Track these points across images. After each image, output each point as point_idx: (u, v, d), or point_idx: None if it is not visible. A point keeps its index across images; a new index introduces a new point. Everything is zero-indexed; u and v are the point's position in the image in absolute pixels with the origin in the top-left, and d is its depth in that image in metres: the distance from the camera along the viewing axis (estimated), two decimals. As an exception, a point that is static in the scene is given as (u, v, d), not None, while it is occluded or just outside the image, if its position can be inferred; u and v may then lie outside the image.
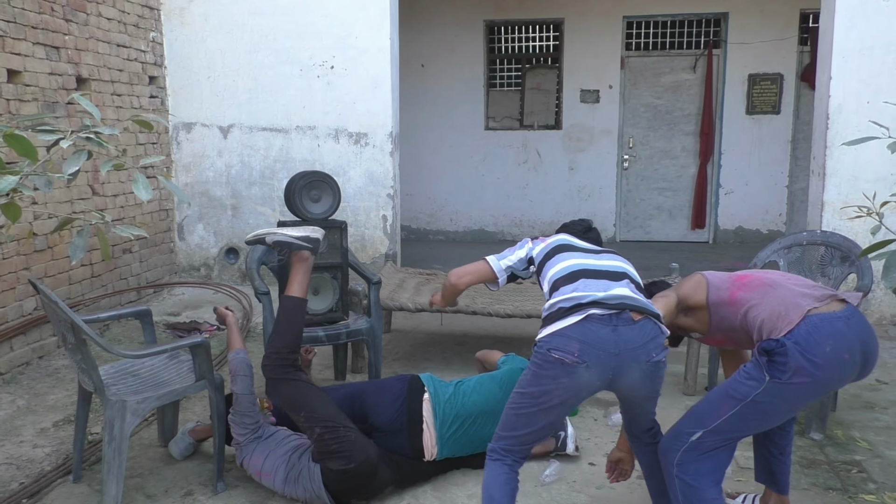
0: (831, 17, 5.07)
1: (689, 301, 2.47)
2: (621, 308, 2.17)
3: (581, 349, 2.13)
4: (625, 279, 2.35)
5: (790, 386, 2.15)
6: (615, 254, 2.54)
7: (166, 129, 6.11)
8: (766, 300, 2.29)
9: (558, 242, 2.53)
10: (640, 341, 2.17)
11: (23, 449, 3.33)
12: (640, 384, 2.23)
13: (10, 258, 4.21)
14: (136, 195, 2.01)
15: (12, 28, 4.22)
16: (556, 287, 2.32)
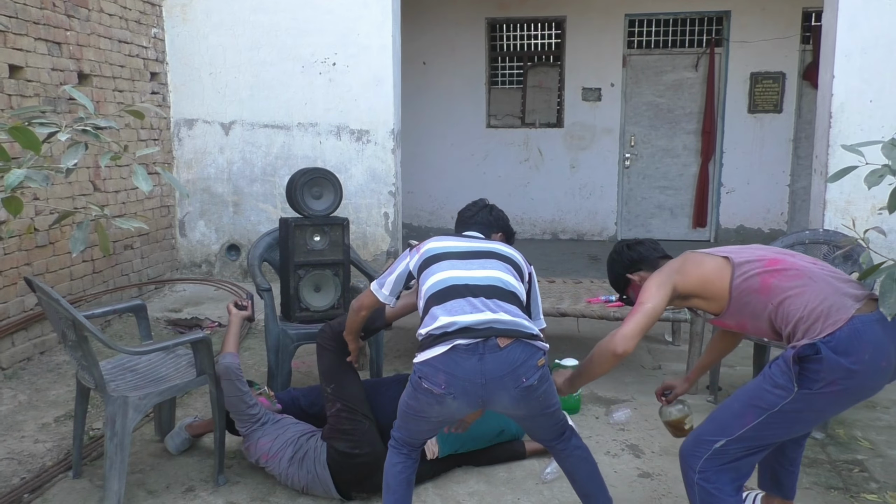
0: (834, 16, 5.07)
1: (708, 288, 2.30)
2: (487, 335, 2.16)
3: (447, 380, 2.15)
4: (498, 293, 2.30)
5: (821, 395, 2.07)
6: (493, 255, 2.46)
7: (168, 125, 6.11)
8: (806, 294, 2.13)
9: (430, 252, 2.46)
10: (508, 369, 2.15)
11: (24, 444, 3.33)
12: (513, 408, 2.25)
13: (11, 254, 4.21)
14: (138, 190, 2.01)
15: (14, 23, 4.21)
16: (427, 306, 2.31)
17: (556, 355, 4.08)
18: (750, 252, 2.32)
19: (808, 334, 2.08)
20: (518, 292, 2.38)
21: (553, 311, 4.02)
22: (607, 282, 4.73)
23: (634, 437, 3.43)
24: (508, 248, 2.57)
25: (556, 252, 8.23)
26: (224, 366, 2.96)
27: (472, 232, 2.72)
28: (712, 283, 2.29)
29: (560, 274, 6.37)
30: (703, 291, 2.31)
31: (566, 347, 4.60)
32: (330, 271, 3.75)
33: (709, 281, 2.29)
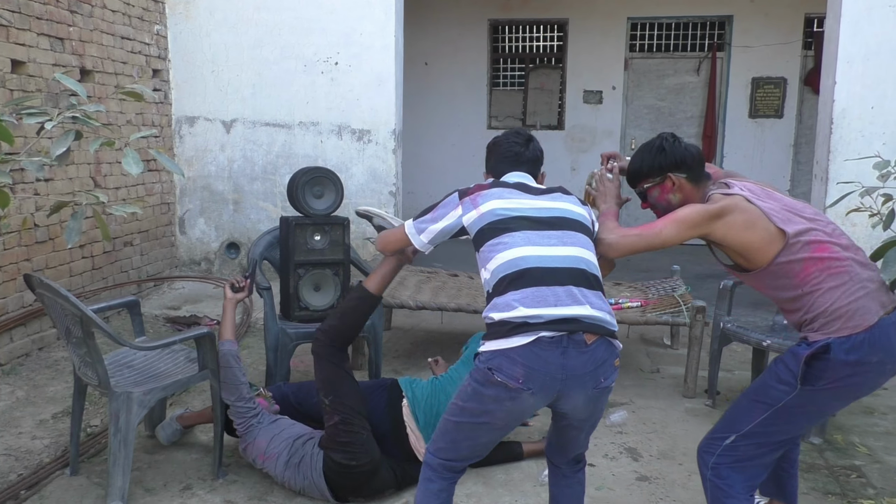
0: (837, 22, 5.07)
1: (747, 253, 2.16)
2: (574, 329, 1.98)
3: (526, 374, 1.96)
4: (583, 279, 2.08)
5: (823, 391, 2.09)
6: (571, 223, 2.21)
7: (169, 122, 6.10)
8: (839, 291, 2.08)
9: (497, 215, 2.16)
10: (590, 367, 2.01)
11: (22, 440, 3.32)
12: (582, 408, 2.09)
13: (11, 249, 4.21)
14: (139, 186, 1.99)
15: (17, 18, 4.21)
16: (500, 287, 2.06)
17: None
18: (803, 223, 2.15)
19: (824, 329, 2.07)
20: (599, 273, 2.16)
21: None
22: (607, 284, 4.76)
23: (633, 441, 3.43)
24: (578, 205, 2.32)
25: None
26: (223, 353, 2.97)
27: (524, 175, 2.41)
28: (755, 252, 2.15)
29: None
30: (740, 250, 2.18)
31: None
32: (330, 271, 3.74)
33: (752, 249, 2.14)
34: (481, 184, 2.31)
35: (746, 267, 2.20)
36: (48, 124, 1.99)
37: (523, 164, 2.44)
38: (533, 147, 2.48)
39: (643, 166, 2.35)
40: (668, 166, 2.29)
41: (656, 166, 2.31)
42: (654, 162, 2.31)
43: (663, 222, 2.20)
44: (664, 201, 2.34)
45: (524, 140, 2.49)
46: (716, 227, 2.15)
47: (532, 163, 2.47)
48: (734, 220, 2.14)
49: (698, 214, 2.17)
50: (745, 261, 2.19)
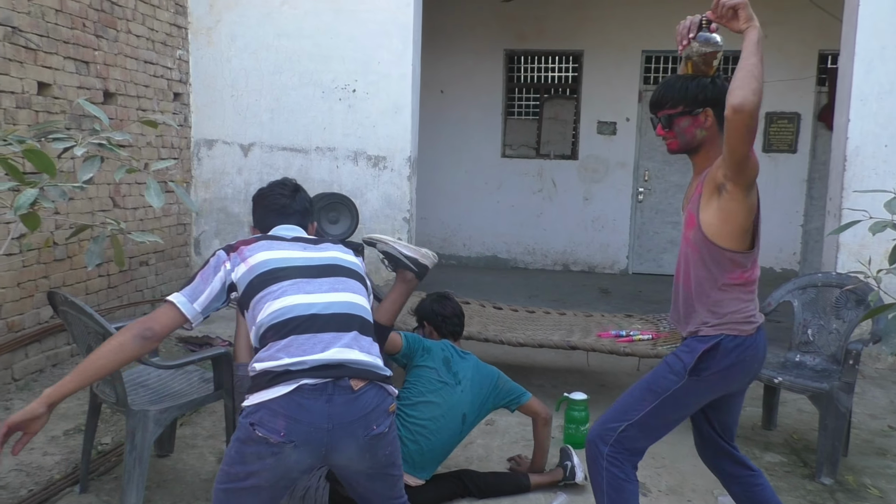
0: (850, 60, 5.11)
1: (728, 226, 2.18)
2: (339, 375, 1.89)
3: (288, 427, 1.85)
4: (352, 324, 2.01)
5: (703, 382, 2.24)
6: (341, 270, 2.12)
7: (188, 144, 6.20)
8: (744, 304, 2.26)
9: (265, 267, 2.04)
10: (359, 413, 1.90)
11: (33, 456, 3.35)
12: (357, 460, 1.96)
13: (30, 266, 4.27)
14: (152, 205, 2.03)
15: (45, 42, 4.31)
16: (265, 338, 1.97)
17: (564, 388, 4.08)
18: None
19: (718, 327, 2.23)
20: (370, 318, 2.11)
21: (563, 343, 4.03)
22: (618, 316, 4.78)
23: (641, 476, 3.38)
24: (349, 253, 2.24)
25: (567, 284, 8.23)
26: (240, 377, 2.94)
27: (294, 228, 2.31)
28: (731, 230, 2.19)
29: (571, 306, 6.38)
30: (727, 218, 2.17)
31: (575, 381, 4.59)
32: (343, 296, 3.77)
33: (734, 223, 2.18)
34: (246, 238, 2.17)
35: (708, 232, 2.20)
36: (76, 150, 2.05)
37: (291, 217, 2.33)
38: (300, 198, 2.38)
39: (687, 93, 2.23)
40: (711, 100, 2.21)
41: (700, 97, 2.21)
42: (700, 92, 2.21)
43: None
44: (690, 135, 2.25)
45: (290, 191, 2.37)
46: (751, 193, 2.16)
47: (301, 214, 2.36)
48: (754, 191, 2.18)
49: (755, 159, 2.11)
50: (714, 228, 2.19)
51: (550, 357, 5.05)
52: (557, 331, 4.31)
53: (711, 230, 2.19)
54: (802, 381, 3.45)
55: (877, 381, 4.93)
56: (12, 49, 4.05)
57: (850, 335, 3.64)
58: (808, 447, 3.76)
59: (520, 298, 6.97)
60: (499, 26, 9.01)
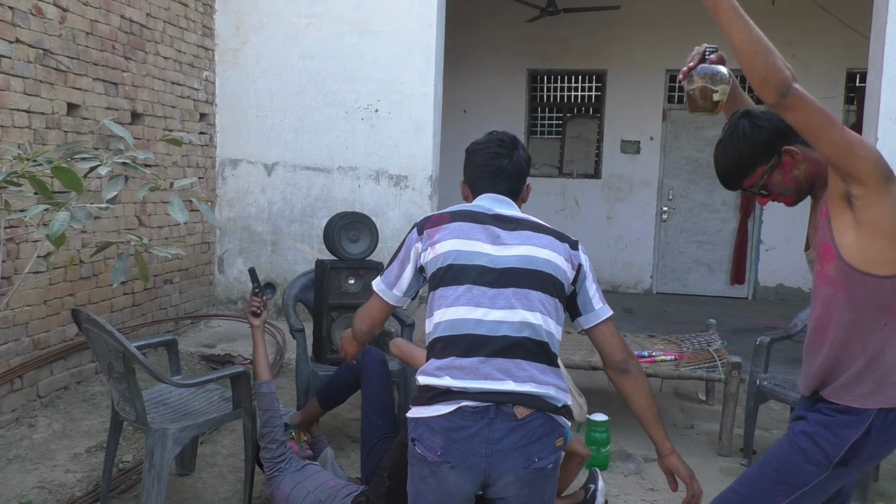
0: (878, 78, 5.04)
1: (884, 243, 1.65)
2: (503, 401, 1.79)
3: (445, 446, 1.78)
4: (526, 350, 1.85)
5: (854, 469, 1.80)
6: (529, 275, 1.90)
7: (213, 164, 6.28)
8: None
9: (450, 259, 1.90)
10: (521, 442, 1.78)
11: (55, 473, 3.38)
12: (514, 493, 1.82)
13: (56, 284, 4.33)
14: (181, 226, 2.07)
15: (75, 64, 4.41)
16: (433, 348, 1.90)
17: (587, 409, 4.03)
18: None
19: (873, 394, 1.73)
20: (553, 337, 1.90)
21: (584, 364, 3.99)
22: (641, 336, 4.72)
23: (664, 499, 3.35)
24: (548, 247, 1.95)
25: (590, 303, 8.15)
26: (262, 395, 2.96)
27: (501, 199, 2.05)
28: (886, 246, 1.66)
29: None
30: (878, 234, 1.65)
31: (597, 401, 4.53)
32: (363, 315, 3.77)
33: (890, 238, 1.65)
34: (440, 213, 2.01)
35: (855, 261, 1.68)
36: (101, 169, 2.09)
37: (504, 182, 2.06)
38: (517, 157, 2.07)
39: (745, 156, 1.87)
40: (777, 140, 1.85)
41: (762, 147, 1.85)
42: (758, 142, 1.86)
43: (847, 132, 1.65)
44: (792, 182, 1.87)
45: (507, 149, 2.07)
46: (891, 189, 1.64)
47: (515, 178, 2.07)
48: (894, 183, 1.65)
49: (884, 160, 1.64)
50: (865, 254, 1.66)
51: (572, 377, 4.99)
52: (578, 350, 4.26)
53: (857, 256, 1.67)
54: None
55: (909, 404, 4.80)
56: (43, 71, 4.14)
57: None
58: (836, 472, 3.66)
59: (542, 318, 6.90)
60: (522, 46, 9.05)
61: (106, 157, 2.13)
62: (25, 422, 3.96)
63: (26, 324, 4.10)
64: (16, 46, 3.92)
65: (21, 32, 3.96)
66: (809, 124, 1.61)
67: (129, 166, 2.14)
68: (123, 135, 2.17)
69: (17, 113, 3.94)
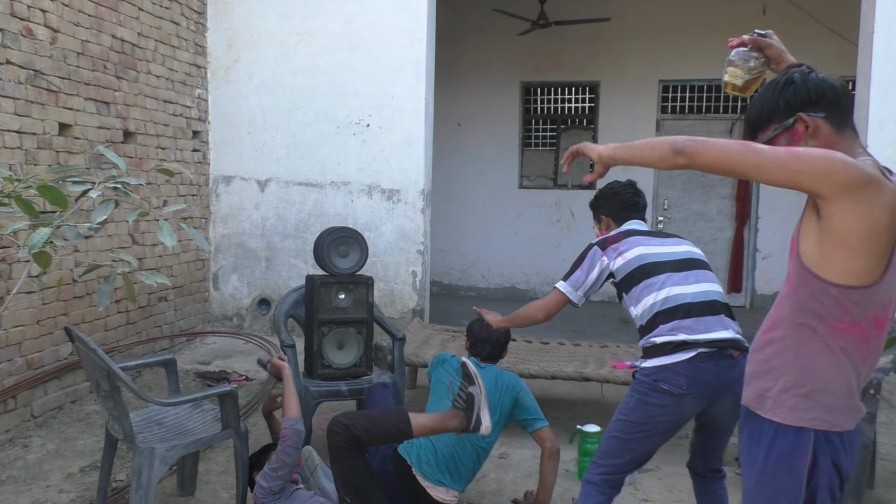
0: (867, 87, 5.07)
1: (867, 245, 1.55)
2: (723, 347, 2.43)
3: (689, 383, 2.39)
4: (721, 310, 2.54)
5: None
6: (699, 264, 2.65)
7: (206, 181, 6.30)
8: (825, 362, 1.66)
9: (642, 261, 2.59)
10: (737, 376, 2.26)
11: (49, 493, 3.37)
12: (728, 413, 2.48)
13: (49, 303, 4.34)
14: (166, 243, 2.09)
15: (66, 84, 4.44)
16: (657, 319, 2.50)
17: (579, 420, 4.03)
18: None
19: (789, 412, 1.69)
20: (726, 300, 2.61)
21: (576, 375, 3.99)
22: (634, 346, 4.72)
23: None
24: (695, 245, 2.77)
25: (586, 314, 8.15)
26: (295, 433, 2.79)
27: (640, 222, 2.85)
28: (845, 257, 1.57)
29: (589, 336, 6.32)
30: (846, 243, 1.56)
31: (590, 412, 4.53)
32: (353, 329, 3.78)
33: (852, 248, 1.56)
34: (614, 234, 2.71)
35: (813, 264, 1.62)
36: (92, 192, 2.11)
37: (638, 211, 2.87)
38: (642, 195, 2.91)
39: (764, 106, 1.78)
40: (798, 103, 1.72)
41: (783, 104, 1.74)
42: (781, 98, 1.75)
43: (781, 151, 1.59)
44: None
45: (635, 190, 2.91)
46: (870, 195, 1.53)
47: (643, 209, 2.89)
48: (882, 201, 1.54)
49: (843, 164, 1.53)
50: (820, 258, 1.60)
51: (566, 389, 4.99)
52: (572, 362, 4.27)
53: (813, 257, 1.62)
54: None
55: (904, 411, 4.80)
56: (34, 91, 4.17)
57: (871, 364, 3.55)
58: (831, 480, 3.65)
59: (538, 329, 6.91)
60: (515, 59, 9.10)
61: (98, 182, 2.15)
62: (19, 442, 3.95)
63: (20, 344, 4.11)
64: (6, 67, 3.95)
65: (11, 53, 3.99)
66: (725, 159, 1.59)
67: (119, 191, 2.16)
68: (117, 161, 2.19)
69: (7, 133, 3.96)
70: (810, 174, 1.53)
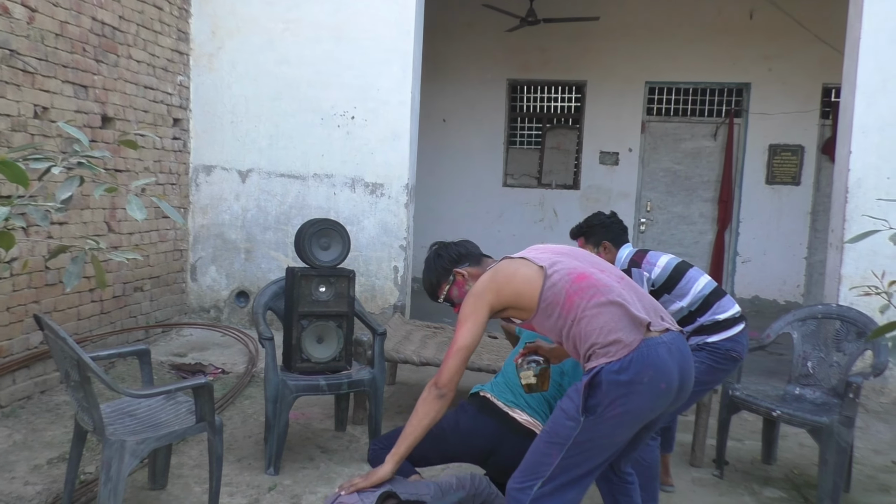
0: (852, 93, 5.08)
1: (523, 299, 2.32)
2: (744, 320, 3.22)
3: (743, 349, 3.14)
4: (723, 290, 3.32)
5: (605, 420, 2.13)
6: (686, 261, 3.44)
7: (186, 170, 6.19)
8: (602, 317, 2.17)
9: (674, 263, 3.27)
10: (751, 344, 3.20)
11: (14, 485, 3.27)
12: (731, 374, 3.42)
13: (20, 291, 4.23)
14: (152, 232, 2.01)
15: (43, 66, 4.32)
16: (708, 301, 3.18)
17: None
18: (565, 258, 2.36)
19: (596, 357, 2.15)
20: None
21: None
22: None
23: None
24: None
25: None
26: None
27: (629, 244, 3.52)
28: (526, 296, 2.30)
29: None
30: (515, 301, 2.34)
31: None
32: (333, 323, 3.71)
33: (522, 294, 2.31)
34: (636, 254, 3.36)
35: (527, 317, 2.34)
36: (54, 169, 2.01)
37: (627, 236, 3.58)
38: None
39: (433, 278, 2.65)
40: (450, 265, 2.61)
41: (442, 271, 2.62)
42: (438, 268, 2.63)
43: (458, 333, 2.37)
44: (465, 295, 2.50)
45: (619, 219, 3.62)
46: (494, 296, 2.34)
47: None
48: (501, 278, 2.35)
49: (474, 300, 2.36)
50: (525, 310, 2.33)
51: (547, 388, 4.95)
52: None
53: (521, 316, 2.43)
54: (801, 415, 3.37)
55: (881, 415, 4.82)
56: (9, 72, 4.06)
57: (851, 368, 3.55)
58: (808, 482, 3.65)
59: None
60: (502, 56, 9.06)
61: (61, 159, 2.06)
62: (-15, 432, 3.85)
63: (-12, 331, 4.00)
64: (-19, 47, 3.84)
65: (-14, 32, 3.87)
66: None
67: (84, 166, 2.07)
68: (78, 135, 2.09)
69: (-20, 114, 3.85)
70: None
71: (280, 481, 3.43)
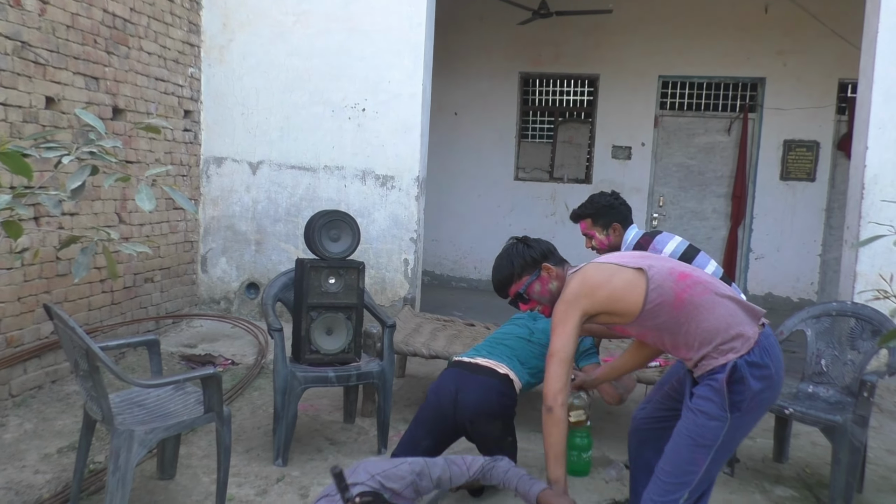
0: (869, 89, 5.01)
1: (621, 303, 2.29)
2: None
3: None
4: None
5: (748, 414, 2.16)
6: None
7: (197, 162, 6.20)
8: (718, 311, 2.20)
9: (682, 247, 3.28)
10: None
11: (24, 474, 3.29)
12: None
13: (31, 281, 4.24)
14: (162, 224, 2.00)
15: (54, 58, 4.33)
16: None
17: (568, 415, 3.97)
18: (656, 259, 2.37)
19: (725, 354, 2.15)
20: None
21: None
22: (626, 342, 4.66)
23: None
24: None
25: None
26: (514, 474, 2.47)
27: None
28: (622, 300, 2.28)
29: (580, 331, 6.26)
30: (612, 306, 2.30)
31: (581, 408, 4.47)
32: (343, 314, 3.70)
33: (618, 298, 2.28)
34: (644, 237, 3.35)
35: (625, 322, 2.31)
36: (65, 158, 2.00)
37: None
38: None
39: (516, 268, 2.56)
40: (540, 258, 2.55)
41: (529, 261, 2.55)
42: (527, 258, 2.56)
43: (552, 342, 2.31)
44: (546, 293, 2.52)
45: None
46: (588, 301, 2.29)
47: None
48: (592, 283, 2.31)
49: (566, 306, 2.31)
50: (621, 316, 2.29)
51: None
52: None
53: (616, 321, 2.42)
54: (814, 413, 3.32)
55: (895, 415, 4.76)
56: (21, 63, 4.06)
57: (866, 366, 3.51)
58: (821, 482, 3.61)
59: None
60: (514, 50, 9.01)
61: (74, 148, 2.05)
62: (-4, 421, 3.87)
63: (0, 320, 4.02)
64: (-7, 37, 3.84)
65: (-1, 23, 3.88)
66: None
67: (96, 156, 2.06)
68: (94, 123, 2.08)
69: (-8, 105, 3.86)
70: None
71: (288, 472, 3.43)
